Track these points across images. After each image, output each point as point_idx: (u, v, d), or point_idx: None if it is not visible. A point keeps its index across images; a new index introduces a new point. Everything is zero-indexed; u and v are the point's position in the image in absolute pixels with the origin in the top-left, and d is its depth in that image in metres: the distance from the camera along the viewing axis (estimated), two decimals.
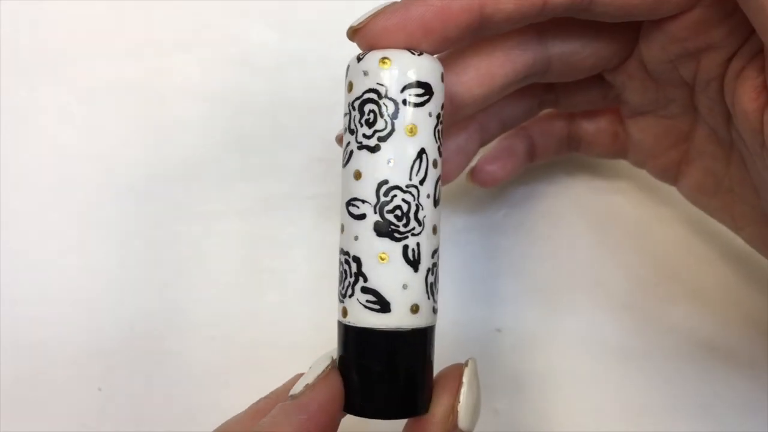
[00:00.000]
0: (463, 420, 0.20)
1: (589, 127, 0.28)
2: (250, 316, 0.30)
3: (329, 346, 0.22)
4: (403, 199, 0.19)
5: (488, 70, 0.22)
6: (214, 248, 0.30)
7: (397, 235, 0.19)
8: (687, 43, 0.21)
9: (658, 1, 0.20)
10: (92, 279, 0.30)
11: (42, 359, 0.29)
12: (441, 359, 0.21)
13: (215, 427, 0.30)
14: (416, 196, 0.20)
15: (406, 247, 0.19)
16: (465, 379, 0.20)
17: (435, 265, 0.20)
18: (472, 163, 0.27)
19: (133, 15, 0.32)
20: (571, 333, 0.30)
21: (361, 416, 0.20)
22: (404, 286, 0.19)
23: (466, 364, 0.21)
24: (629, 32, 0.23)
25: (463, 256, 0.30)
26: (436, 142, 0.20)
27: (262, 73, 0.31)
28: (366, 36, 0.20)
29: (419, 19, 0.20)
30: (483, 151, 0.27)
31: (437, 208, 0.20)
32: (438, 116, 0.20)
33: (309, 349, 0.24)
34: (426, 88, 0.20)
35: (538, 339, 0.30)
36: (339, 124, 0.30)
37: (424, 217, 0.20)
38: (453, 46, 0.21)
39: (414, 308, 0.20)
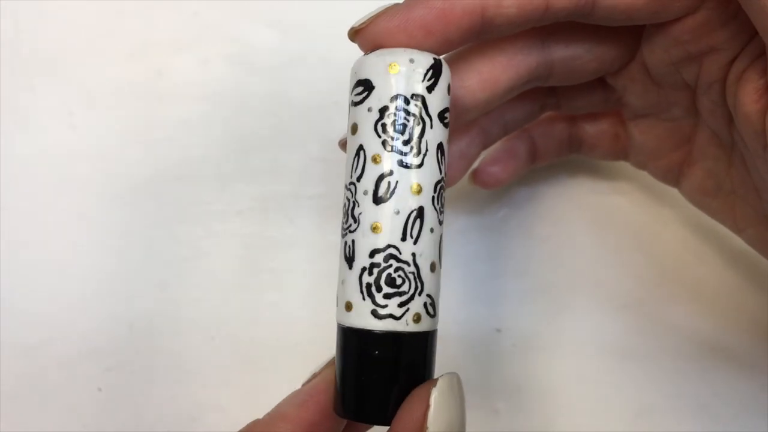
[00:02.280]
0: None
1: (591, 129, 0.28)
2: (250, 316, 0.30)
3: (329, 345, 0.22)
4: (346, 197, 0.20)
5: (491, 75, 0.22)
6: (214, 248, 0.30)
7: (342, 231, 0.20)
8: (690, 46, 0.21)
9: (662, 5, 0.20)
10: (92, 279, 0.30)
11: (42, 359, 0.29)
12: (441, 359, 0.21)
13: (215, 427, 0.30)
14: (354, 192, 0.19)
15: (345, 244, 0.20)
16: (432, 401, 0.18)
17: (377, 266, 0.19)
18: (474, 165, 0.27)
19: (133, 15, 0.32)
20: (571, 333, 0.30)
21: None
22: (342, 282, 0.20)
23: (434, 383, 0.18)
24: (631, 36, 0.23)
25: (463, 257, 0.30)
26: (379, 137, 0.19)
27: (262, 73, 0.31)
28: (367, 37, 0.20)
29: (420, 20, 0.20)
30: (484, 153, 0.27)
31: (384, 205, 0.19)
32: (383, 109, 0.19)
33: (309, 349, 0.24)
34: (364, 85, 0.19)
35: (538, 339, 0.30)
36: (339, 124, 0.30)
37: (360, 214, 0.19)
38: (455, 47, 0.21)
39: (347, 306, 0.19)
